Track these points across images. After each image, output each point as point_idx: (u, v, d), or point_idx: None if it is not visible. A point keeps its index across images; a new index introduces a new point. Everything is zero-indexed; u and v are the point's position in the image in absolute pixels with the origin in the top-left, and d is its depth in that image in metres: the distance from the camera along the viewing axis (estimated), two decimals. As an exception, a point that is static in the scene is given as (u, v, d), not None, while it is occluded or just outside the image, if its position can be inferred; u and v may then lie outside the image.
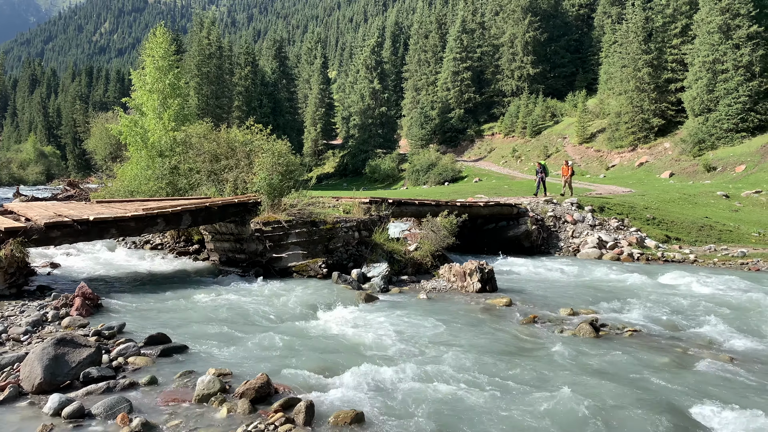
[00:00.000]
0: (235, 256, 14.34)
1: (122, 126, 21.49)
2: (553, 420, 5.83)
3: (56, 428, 5.24)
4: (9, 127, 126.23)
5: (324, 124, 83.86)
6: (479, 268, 12.44)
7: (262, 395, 5.93)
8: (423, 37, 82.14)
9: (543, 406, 6.11)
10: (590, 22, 72.54)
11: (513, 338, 8.85)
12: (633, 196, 25.63)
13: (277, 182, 14.73)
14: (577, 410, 6.03)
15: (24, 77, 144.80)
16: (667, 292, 12.56)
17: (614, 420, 5.88)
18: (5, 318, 8.47)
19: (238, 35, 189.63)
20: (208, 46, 68.65)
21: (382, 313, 10.08)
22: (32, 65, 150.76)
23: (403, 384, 6.57)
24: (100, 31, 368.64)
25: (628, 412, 6.06)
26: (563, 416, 5.92)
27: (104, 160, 53.03)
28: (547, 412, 5.98)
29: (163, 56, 22.03)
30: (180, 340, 7.69)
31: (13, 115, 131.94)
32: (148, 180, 19.06)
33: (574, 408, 6.07)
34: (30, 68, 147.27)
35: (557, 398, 6.25)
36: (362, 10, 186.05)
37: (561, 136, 58.46)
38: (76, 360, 6.32)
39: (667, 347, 8.57)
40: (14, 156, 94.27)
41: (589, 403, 6.17)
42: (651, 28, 48.50)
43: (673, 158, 43.22)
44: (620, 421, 5.87)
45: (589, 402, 6.19)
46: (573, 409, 6.06)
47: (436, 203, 17.94)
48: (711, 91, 41.44)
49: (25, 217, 11.74)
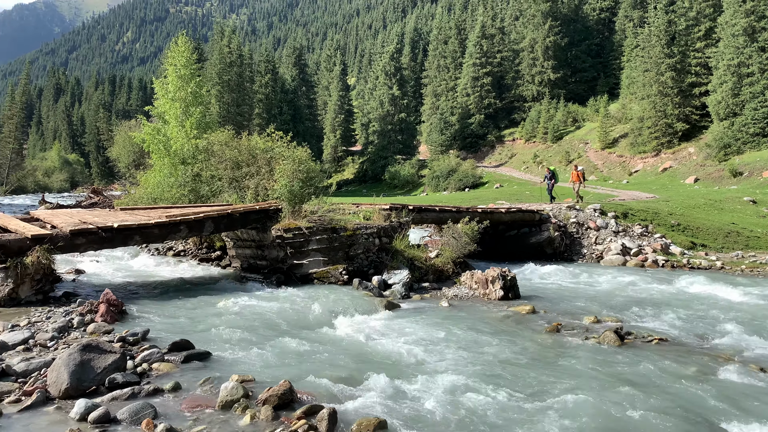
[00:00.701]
0: (257, 262, 14.40)
1: (145, 134, 21.74)
2: (578, 430, 5.74)
3: (82, 434, 5.28)
4: (34, 136, 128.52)
5: (343, 130, 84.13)
6: (501, 275, 12.35)
7: (285, 402, 5.92)
8: (442, 43, 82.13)
9: (568, 416, 6.02)
10: (611, 26, 71.98)
11: (537, 346, 8.75)
12: (657, 202, 25.31)
13: (298, 189, 14.78)
14: (603, 420, 5.93)
15: (49, 86, 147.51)
16: (694, 300, 12.36)
17: (640, 431, 5.77)
18: (32, 324, 8.58)
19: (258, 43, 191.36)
20: (229, 55, 69.38)
21: (403, 320, 10.03)
22: (57, 74, 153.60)
23: (425, 393, 6.52)
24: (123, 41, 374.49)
25: (654, 422, 5.95)
26: (589, 426, 5.82)
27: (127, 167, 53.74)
28: (572, 422, 5.89)
29: (184, 65, 22.27)
30: (203, 347, 7.72)
31: (38, 124, 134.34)
32: (171, 187, 19.24)
33: (600, 418, 5.97)
34: (54, 77, 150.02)
35: (583, 407, 6.16)
36: (381, 17, 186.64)
37: (583, 141, 58.00)
38: (102, 366, 6.37)
39: (694, 356, 8.41)
40: (39, 164, 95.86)
41: (615, 412, 6.07)
42: (674, 32, 47.96)
43: (697, 163, 42.62)
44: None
45: (615, 412, 6.09)
46: (598, 419, 5.96)
47: (457, 209, 17.86)
48: (736, 94, 40.82)
49: (50, 224, 11.90)
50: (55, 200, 42.11)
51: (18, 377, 6.46)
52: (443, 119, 70.08)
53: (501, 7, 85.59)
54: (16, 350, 7.38)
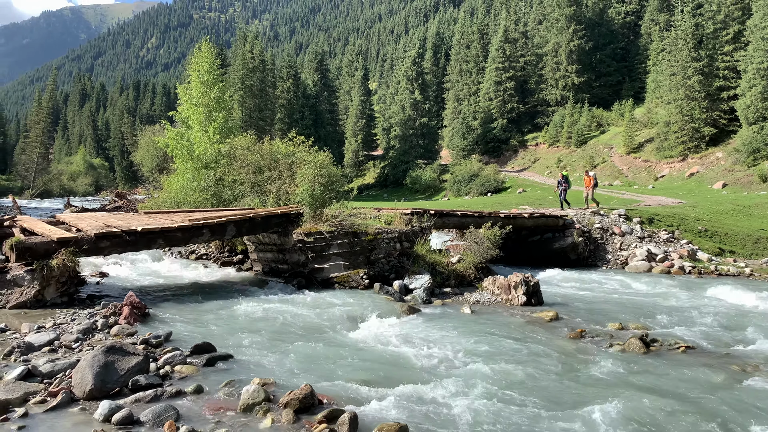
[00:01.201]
0: (278, 266, 14.44)
1: (169, 139, 21.97)
2: (604, 438, 5.64)
3: (105, 435, 5.31)
4: (60, 140, 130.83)
5: (365, 135, 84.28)
6: (524, 281, 12.22)
7: (305, 406, 5.91)
8: (465, 48, 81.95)
9: (593, 425, 5.91)
10: (637, 29, 71.22)
11: (560, 353, 8.62)
12: (683, 208, 24.90)
13: (319, 193, 14.81)
14: (627, 429, 5.81)
15: (74, 92, 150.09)
16: (721, 307, 12.10)
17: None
18: (57, 326, 8.68)
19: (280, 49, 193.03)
20: (252, 60, 70.01)
21: (425, 325, 9.97)
22: (82, 80, 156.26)
23: (447, 399, 6.46)
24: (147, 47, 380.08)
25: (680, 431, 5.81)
26: (615, 435, 5.71)
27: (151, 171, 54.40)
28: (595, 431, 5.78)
29: (208, 71, 22.47)
30: (225, 350, 7.74)
31: (64, 129, 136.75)
32: (194, 191, 19.41)
33: (626, 428, 5.85)
34: (80, 83, 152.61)
35: (607, 416, 6.05)
36: (403, 22, 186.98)
37: (607, 146, 57.38)
38: (125, 368, 6.42)
39: (721, 365, 8.22)
40: (65, 168, 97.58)
41: (640, 421, 5.95)
42: (701, 35, 47.27)
43: (725, 168, 41.89)
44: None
45: (640, 420, 5.97)
46: (623, 427, 5.84)
47: (479, 214, 17.74)
48: (766, 98, 40.06)
49: (76, 227, 12.06)
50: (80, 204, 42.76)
51: (44, 378, 6.54)
52: (465, 124, 69.84)
53: (524, 11, 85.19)
54: (42, 351, 7.48)
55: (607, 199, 30.66)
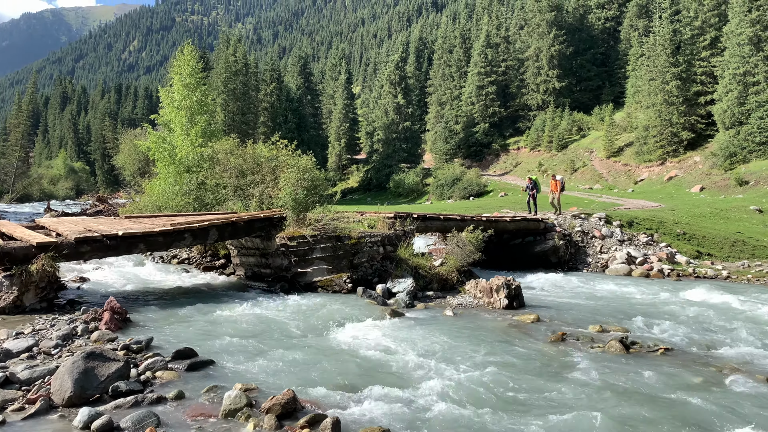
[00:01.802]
0: (261, 270, 14.40)
1: (150, 142, 21.82)
2: (584, 440, 5.70)
3: (85, 442, 5.27)
4: (40, 144, 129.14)
5: (348, 139, 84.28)
6: (506, 284, 12.31)
7: (288, 411, 5.91)
8: (447, 52, 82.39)
9: (572, 426, 5.98)
10: (616, 35, 72.05)
11: (541, 356, 8.70)
12: (662, 211, 25.22)
13: (302, 197, 14.80)
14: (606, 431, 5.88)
15: (55, 95, 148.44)
16: (700, 309, 12.27)
17: (648, 441, 5.73)
18: (36, 331, 8.58)
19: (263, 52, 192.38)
20: (235, 63, 69.73)
21: (407, 329, 10.00)
22: (63, 83, 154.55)
23: (429, 402, 6.49)
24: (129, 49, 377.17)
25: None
26: (595, 436, 5.78)
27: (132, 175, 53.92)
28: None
29: (190, 74, 22.37)
30: (207, 355, 7.71)
31: (44, 132, 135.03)
32: (176, 195, 19.28)
33: (604, 429, 5.92)
34: (61, 86, 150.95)
35: (587, 418, 6.12)
36: (386, 26, 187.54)
37: (588, 150, 57.96)
38: (105, 374, 6.37)
39: (700, 366, 8.35)
40: (45, 172, 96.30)
41: (620, 423, 6.02)
42: (679, 41, 47.99)
43: (703, 172, 42.50)
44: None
45: (620, 422, 6.04)
46: (602, 429, 5.91)
47: (462, 218, 17.83)
48: (742, 103, 40.74)
49: (55, 232, 11.93)
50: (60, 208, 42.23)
51: (22, 385, 6.46)
52: (448, 128, 70.16)
53: (506, 16, 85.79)
54: (20, 358, 7.38)
55: (587, 202, 30.97)
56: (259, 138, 57.93)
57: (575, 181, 53.11)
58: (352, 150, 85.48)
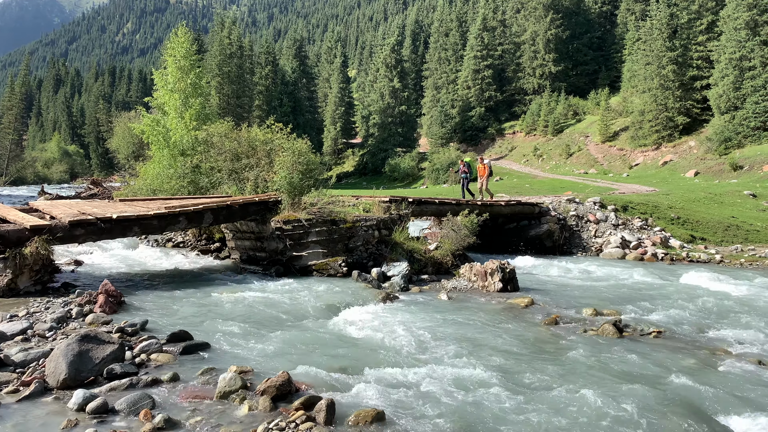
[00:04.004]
0: (256, 254, 14.40)
1: (144, 125, 21.67)
2: (574, 422, 5.75)
3: (81, 423, 5.28)
4: (34, 127, 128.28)
5: (344, 122, 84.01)
6: (500, 268, 12.35)
7: (283, 393, 5.92)
8: (443, 36, 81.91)
9: (564, 408, 6.03)
10: (613, 19, 71.78)
11: (535, 338, 8.75)
12: (657, 196, 25.29)
13: (298, 181, 14.76)
14: (600, 412, 5.94)
15: (48, 77, 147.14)
16: (693, 293, 12.36)
17: (638, 423, 5.78)
18: (31, 314, 8.58)
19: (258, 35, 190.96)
20: (229, 46, 69.13)
21: (402, 312, 10.04)
22: (56, 65, 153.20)
23: (423, 384, 6.53)
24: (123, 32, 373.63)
25: (652, 414, 5.95)
26: (585, 418, 5.83)
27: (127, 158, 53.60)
28: (568, 414, 5.90)
29: (184, 56, 22.16)
30: (202, 338, 7.72)
31: (38, 115, 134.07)
32: (170, 179, 19.21)
33: (597, 410, 5.97)
34: (54, 68, 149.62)
35: (579, 400, 6.17)
36: (382, 9, 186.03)
37: (583, 134, 57.92)
38: (100, 356, 6.37)
39: (692, 349, 8.42)
40: (39, 155, 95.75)
41: (612, 405, 6.07)
42: (676, 25, 47.81)
43: (698, 157, 42.57)
44: (644, 424, 5.77)
45: (612, 404, 6.09)
46: (595, 411, 5.97)
47: (457, 202, 17.85)
48: (738, 88, 40.73)
49: (49, 215, 11.88)
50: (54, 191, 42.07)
51: (16, 367, 6.46)
52: (444, 112, 69.96)
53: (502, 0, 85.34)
54: (15, 340, 7.38)
55: (582, 187, 31.02)
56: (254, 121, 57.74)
57: (570, 166, 53.14)
58: (347, 134, 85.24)
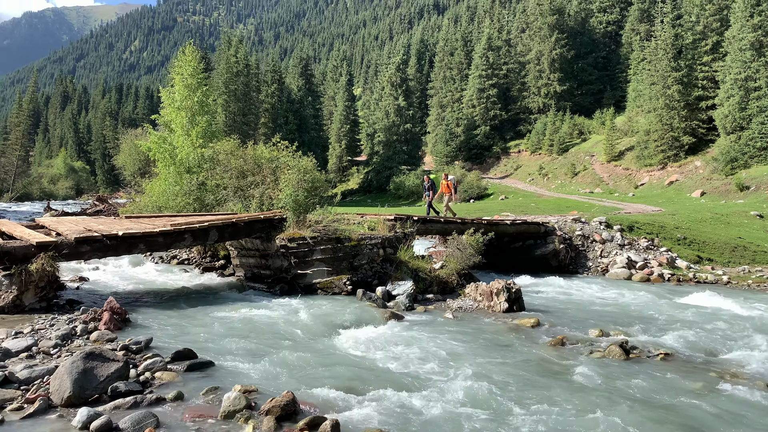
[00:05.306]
0: (261, 272, 14.37)
1: (151, 142, 21.80)
2: (584, 445, 5.69)
3: (84, 443, 5.25)
4: (41, 143, 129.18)
5: (349, 140, 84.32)
6: (506, 288, 12.29)
7: (287, 413, 5.88)
8: (448, 55, 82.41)
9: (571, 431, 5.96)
10: (618, 39, 72.13)
11: (541, 360, 8.68)
12: (663, 216, 25.22)
13: (303, 198, 14.80)
14: (609, 435, 5.87)
15: (56, 94, 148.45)
16: (700, 315, 12.26)
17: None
18: (36, 331, 8.56)
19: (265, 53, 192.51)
20: (236, 64, 69.77)
21: (407, 332, 9.99)
22: (64, 82, 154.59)
23: (428, 405, 6.47)
24: (130, 49, 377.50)
25: (662, 438, 5.89)
26: (595, 441, 5.77)
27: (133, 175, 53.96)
28: (578, 437, 5.84)
29: (191, 74, 22.35)
30: (206, 356, 7.69)
31: (44, 131, 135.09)
32: (176, 196, 19.26)
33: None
34: (62, 85, 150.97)
35: (585, 423, 6.10)
36: (387, 28, 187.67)
37: (588, 153, 57.97)
38: (105, 374, 6.35)
39: (700, 372, 8.34)
40: (45, 171, 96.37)
41: (619, 428, 6.00)
42: (680, 45, 48.00)
43: (704, 177, 42.51)
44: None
45: (619, 427, 6.02)
46: (605, 434, 5.90)
47: (462, 221, 17.82)
48: (743, 108, 40.76)
49: (55, 231, 11.91)
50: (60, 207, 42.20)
51: (21, 384, 6.44)
52: (449, 130, 70.21)
53: (507, 19, 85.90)
54: (19, 357, 7.36)
55: (588, 206, 30.98)
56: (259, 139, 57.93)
57: (576, 185, 53.12)
58: (352, 152, 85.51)
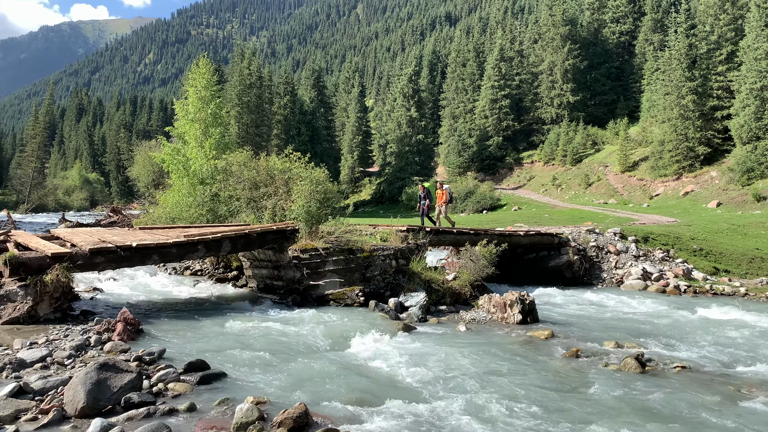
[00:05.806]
0: (273, 283, 14.38)
1: (165, 154, 21.98)
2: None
3: (96, 455, 5.25)
4: (56, 155, 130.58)
5: (361, 151, 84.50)
6: (520, 299, 12.20)
7: (299, 425, 5.86)
8: (460, 66, 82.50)
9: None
10: (631, 49, 71.85)
11: (555, 372, 8.59)
12: (678, 226, 24.97)
13: (315, 210, 14.81)
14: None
15: (71, 106, 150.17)
16: (717, 327, 12.10)
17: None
18: (50, 342, 8.61)
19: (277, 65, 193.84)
20: (249, 76, 70.24)
21: (420, 343, 9.93)
22: (79, 95, 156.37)
23: (441, 418, 6.42)
24: (145, 62, 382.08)
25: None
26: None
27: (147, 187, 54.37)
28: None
29: (205, 86, 22.55)
30: (219, 367, 7.69)
31: (60, 143, 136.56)
32: (189, 207, 19.37)
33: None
34: (77, 98, 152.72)
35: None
36: (399, 40, 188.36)
37: (602, 164, 57.64)
38: (118, 385, 6.36)
39: (717, 384, 8.20)
40: (60, 182, 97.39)
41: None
42: (695, 55, 47.69)
43: (720, 187, 42.09)
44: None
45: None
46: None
47: (475, 232, 17.75)
48: (759, 118, 40.37)
49: (70, 242, 12.00)
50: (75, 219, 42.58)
51: (35, 395, 6.46)
52: (461, 141, 70.15)
53: (519, 30, 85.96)
54: (34, 368, 7.40)
55: (602, 217, 30.75)
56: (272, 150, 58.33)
57: (589, 196, 52.80)
58: (364, 163, 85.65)
